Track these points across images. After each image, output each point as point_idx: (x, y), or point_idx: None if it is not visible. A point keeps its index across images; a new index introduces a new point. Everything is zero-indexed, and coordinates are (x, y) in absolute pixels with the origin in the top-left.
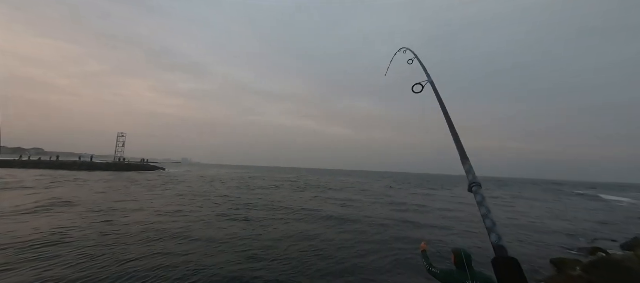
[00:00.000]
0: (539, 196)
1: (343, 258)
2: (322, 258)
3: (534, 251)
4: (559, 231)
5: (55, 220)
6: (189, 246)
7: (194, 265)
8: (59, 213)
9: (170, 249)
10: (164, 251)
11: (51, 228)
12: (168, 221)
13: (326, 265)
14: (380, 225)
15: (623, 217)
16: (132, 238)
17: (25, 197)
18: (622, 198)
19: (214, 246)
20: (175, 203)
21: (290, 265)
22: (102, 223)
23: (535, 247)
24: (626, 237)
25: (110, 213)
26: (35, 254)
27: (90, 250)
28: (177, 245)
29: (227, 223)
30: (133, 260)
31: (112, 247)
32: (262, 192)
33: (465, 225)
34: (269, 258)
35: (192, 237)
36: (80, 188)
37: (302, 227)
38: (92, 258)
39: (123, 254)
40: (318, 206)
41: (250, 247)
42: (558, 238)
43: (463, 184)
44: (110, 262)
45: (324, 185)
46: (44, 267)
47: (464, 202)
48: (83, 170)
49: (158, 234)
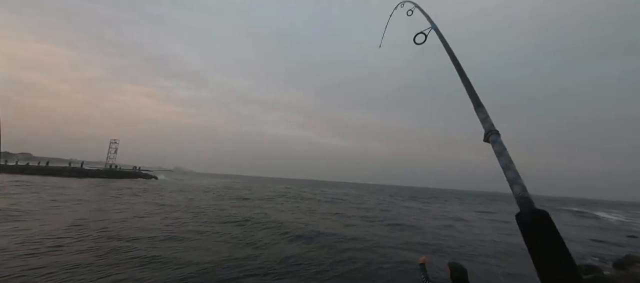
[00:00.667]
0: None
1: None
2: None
3: (524, 269)
4: None
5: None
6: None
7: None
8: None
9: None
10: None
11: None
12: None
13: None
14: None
15: (614, 235)
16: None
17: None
18: (613, 216)
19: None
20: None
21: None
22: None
23: (524, 265)
24: (617, 255)
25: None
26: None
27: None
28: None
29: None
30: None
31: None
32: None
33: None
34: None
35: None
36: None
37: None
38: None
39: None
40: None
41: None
42: None
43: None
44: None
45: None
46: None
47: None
48: (73, 177)
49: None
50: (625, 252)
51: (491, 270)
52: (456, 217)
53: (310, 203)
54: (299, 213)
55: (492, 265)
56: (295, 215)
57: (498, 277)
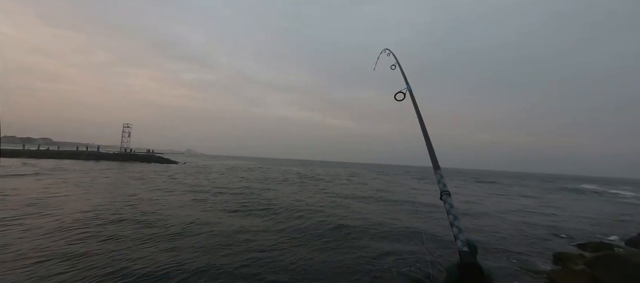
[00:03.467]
0: (540, 190)
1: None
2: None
3: (536, 245)
4: (560, 225)
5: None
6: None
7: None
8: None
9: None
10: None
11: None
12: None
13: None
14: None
15: (629, 212)
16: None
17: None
18: (628, 193)
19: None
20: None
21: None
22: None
23: (537, 241)
24: (629, 232)
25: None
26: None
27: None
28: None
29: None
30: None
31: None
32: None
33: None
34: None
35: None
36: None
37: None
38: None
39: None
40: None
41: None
42: (558, 232)
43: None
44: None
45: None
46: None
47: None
48: (91, 160)
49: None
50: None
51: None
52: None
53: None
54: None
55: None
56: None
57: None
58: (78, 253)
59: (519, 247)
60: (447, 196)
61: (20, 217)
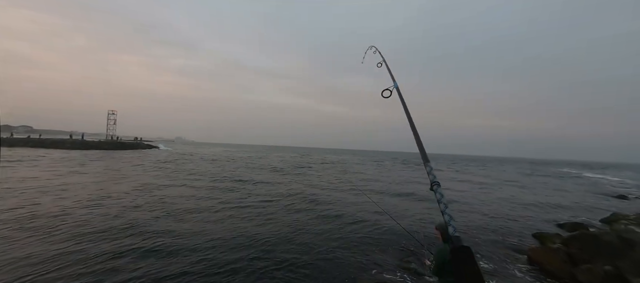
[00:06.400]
0: (521, 175)
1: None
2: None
3: (518, 226)
4: (542, 207)
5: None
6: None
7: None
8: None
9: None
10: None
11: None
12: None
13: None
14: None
15: (603, 194)
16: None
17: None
18: (605, 177)
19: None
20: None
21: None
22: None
23: (519, 222)
24: (604, 212)
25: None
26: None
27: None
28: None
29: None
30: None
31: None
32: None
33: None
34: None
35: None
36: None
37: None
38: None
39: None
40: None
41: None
42: (540, 214)
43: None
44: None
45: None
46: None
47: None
48: (76, 149)
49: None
50: (613, 210)
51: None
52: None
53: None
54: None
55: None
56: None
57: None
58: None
59: (500, 230)
60: (438, 187)
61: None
